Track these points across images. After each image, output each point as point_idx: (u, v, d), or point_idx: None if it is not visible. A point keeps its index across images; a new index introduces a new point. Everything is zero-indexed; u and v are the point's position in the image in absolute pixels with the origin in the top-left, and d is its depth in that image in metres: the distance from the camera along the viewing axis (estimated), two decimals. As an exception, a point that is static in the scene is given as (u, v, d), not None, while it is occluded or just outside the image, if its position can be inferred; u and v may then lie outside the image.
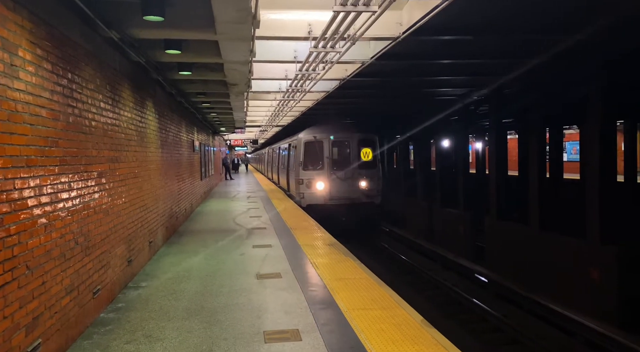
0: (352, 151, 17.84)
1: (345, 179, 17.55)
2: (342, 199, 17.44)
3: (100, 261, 5.68)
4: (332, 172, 17.61)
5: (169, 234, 10.55)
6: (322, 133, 18.01)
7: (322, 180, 17.57)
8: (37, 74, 4.08)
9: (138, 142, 7.62)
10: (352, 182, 17.57)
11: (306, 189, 17.56)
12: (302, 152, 17.86)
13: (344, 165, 17.75)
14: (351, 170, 17.61)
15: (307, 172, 17.75)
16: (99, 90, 5.72)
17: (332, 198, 17.49)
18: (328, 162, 17.73)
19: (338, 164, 17.81)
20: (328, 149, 17.78)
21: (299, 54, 8.95)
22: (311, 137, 17.93)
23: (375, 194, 17.80)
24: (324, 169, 17.69)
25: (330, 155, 17.78)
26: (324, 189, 17.50)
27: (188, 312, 5.63)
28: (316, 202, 17.44)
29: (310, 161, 17.87)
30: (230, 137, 37.95)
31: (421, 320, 5.19)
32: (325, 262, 8.02)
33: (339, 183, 17.54)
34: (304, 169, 17.79)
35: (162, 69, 8.44)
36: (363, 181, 17.63)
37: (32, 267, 3.93)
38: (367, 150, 17.78)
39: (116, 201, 6.34)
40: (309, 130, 18.29)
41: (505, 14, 6.99)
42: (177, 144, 12.01)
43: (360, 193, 17.59)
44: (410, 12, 6.90)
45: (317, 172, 17.70)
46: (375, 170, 17.92)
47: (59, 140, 4.49)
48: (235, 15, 5.12)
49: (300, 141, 18.06)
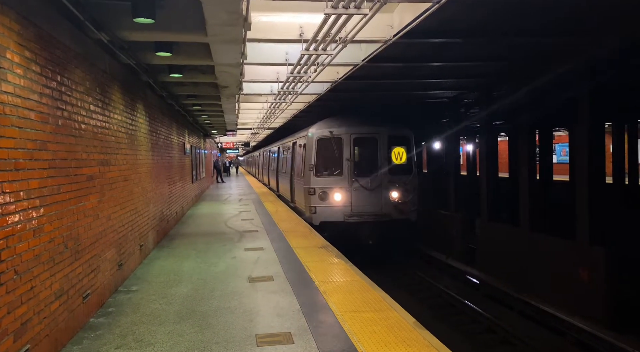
0: (381, 151, 13.51)
1: (371, 188, 13.27)
2: (368, 215, 13.12)
3: (90, 265, 5.62)
4: (355, 180, 13.24)
5: (159, 237, 10.48)
6: (340, 127, 13.60)
7: (341, 190, 13.27)
8: (25, 77, 4.04)
9: (128, 145, 7.57)
10: (381, 193, 13.31)
11: (319, 202, 13.27)
12: (313, 152, 13.60)
13: (369, 170, 13.44)
14: (379, 177, 13.35)
15: (320, 179, 13.45)
16: (88, 92, 5.68)
17: (353, 214, 13.16)
18: (349, 166, 13.33)
19: (362, 168, 13.52)
20: (349, 148, 13.44)
21: (290, 57, 8.96)
22: (326, 132, 13.58)
23: (411, 208, 13.53)
24: (344, 175, 13.34)
25: (351, 156, 13.43)
26: (343, 202, 13.20)
27: (179, 316, 5.59)
28: (332, 219, 13.17)
29: (324, 165, 13.64)
30: (221, 140, 37.86)
31: (413, 322, 5.20)
32: (318, 264, 8.01)
33: (363, 194, 13.26)
34: (316, 175, 13.49)
35: (152, 71, 8.40)
36: (395, 190, 13.30)
37: (21, 272, 3.88)
38: (399, 150, 13.59)
39: (106, 204, 6.29)
40: (323, 124, 14.03)
41: (493, 18, 7.06)
42: (168, 146, 11.95)
43: (391, 207, 13.31)
44: (401, 15, 6.93)
45: (333, 179, 13.39)
46: (410, 176, 13.61)
47: (48, 143, 4.44)
48: (226, 18, 5.11)
49: (312, 138, 13.77)
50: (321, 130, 13.78)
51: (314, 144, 13.71)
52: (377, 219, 13.16)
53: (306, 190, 13.74)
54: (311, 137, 13.85)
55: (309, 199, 13.55)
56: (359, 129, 13.61)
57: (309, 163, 13.75)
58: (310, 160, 13.71)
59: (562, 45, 8.42)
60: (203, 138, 24.45)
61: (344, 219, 13.13)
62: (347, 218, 13.14)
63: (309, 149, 13.88)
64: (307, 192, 13.66)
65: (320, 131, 13.76)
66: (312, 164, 13.59)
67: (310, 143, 13.85)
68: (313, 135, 13.81)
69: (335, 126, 13.71)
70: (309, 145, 13.97)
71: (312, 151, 13.70)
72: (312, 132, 13.93)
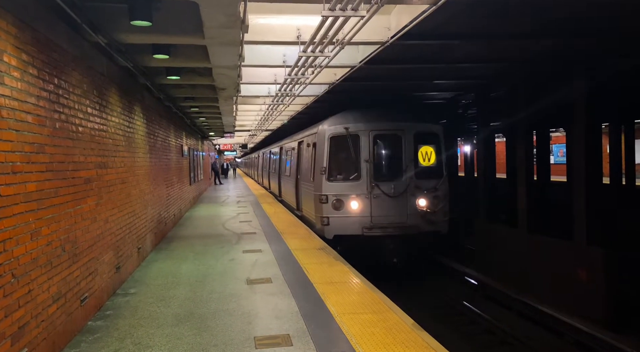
0: (406, 151, 11.49)
1: (395, 195, 11.21)
2: (391, 228, 11.08)
3: (88, 268, 5.61)
4: (375, 185, 11.20)
5: (157, 239, 10.47)
6: (357, 122, 11.59)
7: (359, 197, 11.21)
8: (22, 80, 4.03)
9: (126, 147, 7.56)
10: (406, 201, 11.27)
11: (332, 212, 11.23)
12: (325, 153, 11.57)
13: (392, 173, 11.45)
14: (404, 182, 11.30)
15: (334, 184, 11.40)
16: (86, 95, 5.67)
17: (374, 226, 11.09)
18: (368, 169, 11.27)
19: (383, 171, 11.51)
20: (368, 147, 11.39)
21: (288, 59, 8.98)
22: (340, 129, 11.49)
23: (442, 218, 11.46)
24: (362, 179, 11.27)
25: (371, 157, 11.34)
26: (361, 212, 11.18)
27: (178, 319, 5.58)
28: (349, 232, 11.16)
29: (339, 167, 11.61)
30: (219, 142, 37.84)
31: (412, 323, 5.20)
32: (316, 266, 8.01)
33: (385, 202, 11.20)
34: (329, 179, 11.43)
35: (150, 73, 8.39)
36: (423, 197, 11.30)
37: (18, 275, 3.87)
38: (428, 150, 11.64)
39: (104, 207, 6.28)
40: (336, 118, 12.02)
41: (491, 20, 7.08)
42: (165, 149, 11.94)
43: (419, 217, 11.28)
44: (398, 17, 6.95)
45: (349, 184, 11.33)
46: (440, 180, 11.51)
47: (45, 146, 4.44)
48: (224, 20, 5.12)
49: (323, 136, 11.70)
50: (335, 126, 11.64)
51: (326, 142, 11.60)
52: (402, 231, 11.06)
53: (317, 197, 11.64)
54: (322, 135, 11.75)
55: (320, 207, 11.44)
56: (379, 124, 11.56)
57: (320, 165, 11.66)
58: (321, 162, 11.63)
59: (559, 46, 8.44)
60: (201, 140, 24.44)
61: (362, 232, 11.04)
62: (366, 231, 11.06)
63: (320, 149, 11.81)
64: (317, 200, 11.59)
65: (334, 127, 11.62)
66: (323, 166, 11.51)
67: (322, 142, 11.75)
68: (325, 132, 11.67)
69: (352, 121, 11.63)
70: (319, 144, 11.91)
71: (323, 151, 11.63)
72: (324, 128, 11.80)
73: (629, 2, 6.06)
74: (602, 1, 6.15)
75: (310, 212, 12.72)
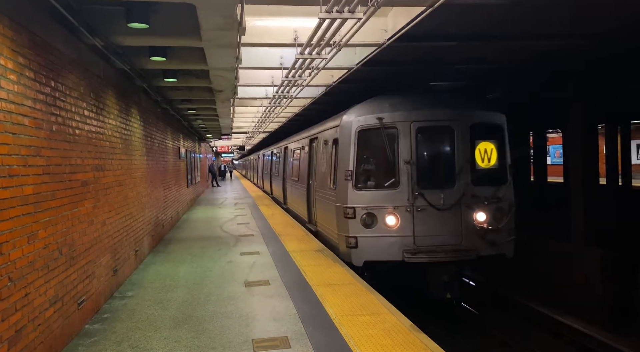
0: (460, 148, 8.62)
1: (445, 207, 8.41)
2: (441, 252, 8.26)
3: (85, 271, 5.59)
4: (419, 194, 8.36)
5: (155, 242, 10.44)
6: (395, 111, 8.65)
7: (398, 210, 8.39)
8: (19, 82, 4.02)
9: (123, 150, 7.55)
10: (460, 215, 8.46)
11: (362, 230, 8.43)
12: (352, 151, 8.72)
13: (442, 178, 8.63)
14: (458, 190, 8.48)
15: (363, 193, 8.58)
16: (82, 98, 5.66)
17: (419, 249, 8.30)
18: (410, 173, 8.43)
19: (430, 176, 8.63)
20: (409, 144, 8.52)
21: (285, 61, 8.98)
22: (372, 120, 8.61)
23: (506, 238, 8.58)
24: (401, 186, 8.44)
25: (414, 157, 8.51)
26: (401, 230, 8.35)
27: (175, 322, 5.56)
28: (384, 257, 8.39)
29: (370, 171, 8.89)
30: (216, 144, 37.81)
31: (410, 325, 5.20)
32: (314, 268, 8.00)
33: (433, 217, 8.41)
34: (356, 186, 8.60)
35: (147, 76, 8.39)
36: (482, 210, 8.48)
37: (15, 279, 3.85)
38: (488, 147, 8.84)
39: (101, 209, 6.26)
40: (366, 106, 9.01)
41: (487, 22, 7.10)
42: (162, 151, 11.92)
43: (477, 237, 8.43)
44: (395, 19, 6.96)
45: (385, 193, 8.51)
46: (504, 187, 8.71)
47: (42, 149, 4.43)
48: (221, 23, 5.12)
49: (349, 129, 8.83)
50: (364, 116, 8.71)
51: (353, 138, 8.71)
52: (456, 257, 8.24)
53: (340, 210, 8.82)
54: (348, 128, 8.84)
55: (344, 224, 8.62)
56: (424, 113, 8.62)
57: (343, 168, 8.82)
58: (346, 163, 8.77)
59: (555, 47, 8.47)
60: (198, 142, 24.42)
61: (402, 258, 8.25)
62: (408, 256, 8.21)
63: (344, 147, 8.91)
64: (341, 214, 8.77)
65: (363, 118, 8.69)
66: (349, 169, 8.67)
67: (346, 137, 8.85)
68: (351, 124, 8.77)
69: (387, 109, 8.67)
70: (343, 140, 9.00)
71: (349, 150, 8.74)
72: (349, 119, 8.88)
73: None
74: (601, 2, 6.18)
75: (329, 228, 9.83)
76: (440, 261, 8.25)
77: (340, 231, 8.87)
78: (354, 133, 8.76)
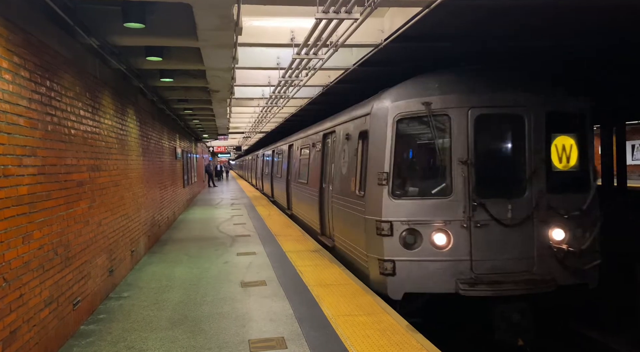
0: (532, 145, 6.64)
1: (514, 222, 6.50)
2: (510, 282, 6.28)
3: (81, 271, 5.57)
4: (478, 204, 6.48)
5: (151, 242, 10.41)
6: (446, 93, 6.70)
7: (450, 226, 6.51)
8: (14, 82, 4.00)
9: (119, 150, 7.53)
10: (533, 232, 6.54)
11: (401, 251, 6.54)
12: (389, 147, 6.77)
13: (509, 184, 6.73)
14: (529, 199, 6.58)
15: (403, 203, 6.64)
16: (78, 98, 5.64)
17: (479, 279, 6.36)
18: (467, 176, 6.52)
19: (493, 180, 6.68)
20: (466, 138, 6.59)
21: (282, 61, 8.98)
22: (416, 105, 6.67)
23: (589, 262, 6.51)
24: (454, 194, 6.54)
25: (472, 155, 6.58)
26: (455, 252, 6.46)
27: (171, 322, 5.55)
28: (432, 288, 6.46)
29: (411, 173, 7.07)
30: (213, 144, 37.77)
31: (406, 325, 5.21)
32: (310, 268, 8.00)
33: (497, 235, 6.49)
34: (394, 194, 6.69)
35: (143, 76, 8.37)
36: (560, 226, 6.56)
37: (10, 280, 3.83)
38: (566, 142, 6.93)
39: (97, 210, 6.24)
40: (407, 88, 6.97)
41: (484, 22, 7.11)
42: (159, 151, 11.89)
43: (554, 262, 6.52)
44: (391, 19, 6.97)
45: (433, 203, 6.61)
46: (588, 195, 6.76)
47: (37, 149, 4.41)
48: (218, 23, 5.11)
49: (384, 118, 6.88)
50: (405, 100, 6.69)
51: (390, 129, 6.72)
52: (530, 288, 6.25)
53: (371, 225, 6.82)
54: (382, 117, 6.85)
55: (377, 243, 6.67)
56: (486, 96, 6.61)
57: (376, 170, 6.84)
58: (379, 163, 6.79)
59: (551, 47, 8.49)
60: (194, 142, 24.38)
61: (456, 290, 6.27)
62: (464, 288, 6.21)
63: (377, 142, 6.92)
64: (372, 230, 6.79)
65: (404, 104, 6.68)
66: (384, 171, 6.68)
67: (380, 129, 6.87)
68: (387, 111, 6.77)
69: (435, 91, 6.67)
70: (375, 132, 6.99)
71: (383, 145, 6.75)
72: (384, 105, 6.88)
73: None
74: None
75: (353, 247, 7.82)
76: (509, 295, 6.18)
77: (371, 251, 6.86)
78: (391, 123, 6.69)
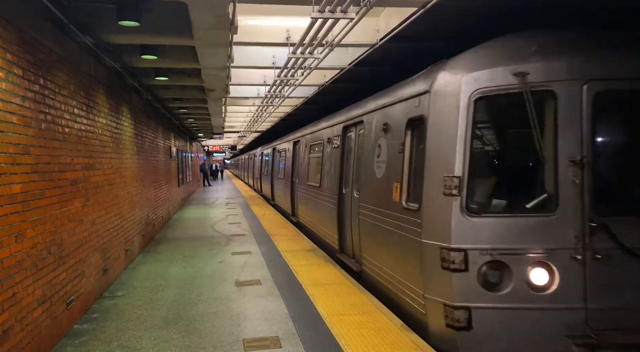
0: None
1: None
2: None
3: (74, 270, 5.54)
4: (598, 225, 4.18)
5: (145, 242, 10.38)
6: (550, 60, 4.29)
7: (554, 257, 4.23)
8: (7, 80, 3.98)
9: (113, 148, 7.50)
10: None
11: (481, 294, 4.29)
12: (461, 140, 4.41)
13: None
14: None
15: (481, 222, 4.36)
16: (72, 96, 5.61)
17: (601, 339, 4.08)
18: (579, 183, 4.20)
19: (618, 189, 4.56)
20: (579, 125, 4.22)
21: (277, 60, 8.98)
22: (503, 77, 4.32)
23: None
24: (561, 210, 4.24)
25: (587, 151, 4.22)
26: (562, 296, 4.21)
27: (166, 322, 5.53)
28: (530, 349, 4.23)
29: (495, 179, 4.71)
30: (208, 143, 37.67)
31: (401, 324, 5.22)
32: (305, 268, 8.00)
33: (625, 271, 4.16)
34: (469, 209, 4.42)
35: (138, 74, 8.33)
36: None
37: (2, 278, 3.80)
38: None
39: (91, 208, 6.21)
40: (487, 51, 4.61)
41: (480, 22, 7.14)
42: (153, 150, 11.85)
43: None
44: (387, 19, 6.98)
45: (526, 223, 4.31)
46: None
47: (30, 147, 4.38)
48: (213, 21, 5.10)
49: (453, 96, 4.52)
50: (488, 70, 4.49)
51: (463, 113, 4.53)
52: None
53: (432, 253, 4.70)
54: (450, 95, 4.66)
55: (444, 281, 4.57)
56: (609, 62, 4.41)
57: (439, 172, 4.67)
58: (446, 163, 4.61)
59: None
60: (189, 141, 24.30)
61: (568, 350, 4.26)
62: (580, 351, 4.20)
63: (441, 132, 4.70)
64: (434, 261, 4.67)
65: (486, 74, 4.49)
66: (453, 175, 4.53)
67: (447, 113, 4.68)
68: (459, 87, 4.59)
69: (534, 57, 4.46)
70: (439, 118, 4.76)
71: (453, 137, 4.57)
72: (454, 78, 4.68)
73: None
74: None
75: (399, 280, 5.60)
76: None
77: (431, 292, 4.77)
78: (466, 104, 4.53)
